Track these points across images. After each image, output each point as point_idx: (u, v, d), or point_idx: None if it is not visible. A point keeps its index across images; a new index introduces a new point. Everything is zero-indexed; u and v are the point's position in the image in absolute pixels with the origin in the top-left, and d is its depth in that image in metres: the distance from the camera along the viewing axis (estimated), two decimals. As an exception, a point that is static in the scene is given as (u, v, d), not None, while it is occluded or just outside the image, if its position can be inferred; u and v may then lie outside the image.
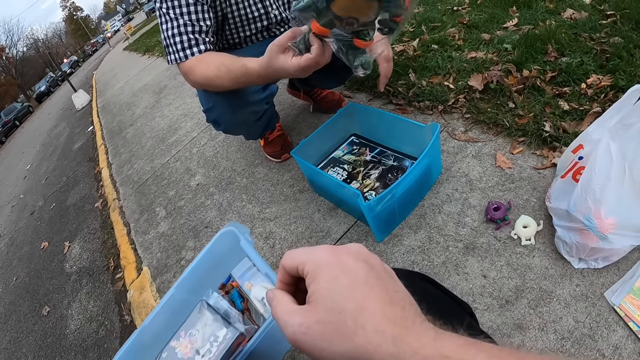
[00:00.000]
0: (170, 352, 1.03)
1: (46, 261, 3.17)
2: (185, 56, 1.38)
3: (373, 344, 0.31)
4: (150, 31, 15.07)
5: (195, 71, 1.37)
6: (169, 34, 1.40)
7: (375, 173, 1.62)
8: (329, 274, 0.36)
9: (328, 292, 0.34)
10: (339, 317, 0.33)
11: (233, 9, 1.59)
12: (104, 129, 5.40)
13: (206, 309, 1.06)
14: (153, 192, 2.72)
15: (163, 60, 7.24)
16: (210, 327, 1.01)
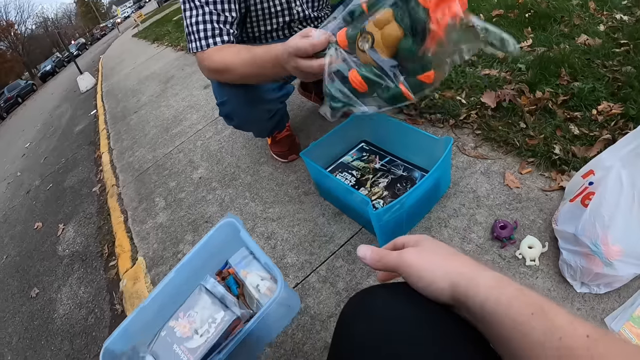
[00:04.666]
0: (169, 331, 1.08)
1: (39, 242, 3.13)
2: (207, 45, 1.35)
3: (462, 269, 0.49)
4: (160, 20, 15.04)
5: (213, 57, 1.34)
6: (192, 22, 1.37)
7: (384, 182, 1.60)
8: (429, 241, 0.56)
9: (431, 243, 0.55)
10: (441, 252, 0.53)
11: (256, 1, 1.56)
12: (107, 113, 5.37)
13: (204, 292, 1.10)
14: (153, 181, 2.69)
15: (172, 50, 7.22)
16: (208, 309, 1.06)
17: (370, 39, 0.81)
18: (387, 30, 0.78)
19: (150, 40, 10.46)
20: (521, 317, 0.41)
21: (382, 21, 0.79)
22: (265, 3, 1.57)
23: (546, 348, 0.38)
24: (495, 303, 0.43)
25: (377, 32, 0.80)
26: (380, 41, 0.80)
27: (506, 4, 2.81)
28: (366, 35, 0.81)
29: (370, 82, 0.84)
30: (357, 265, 1.43)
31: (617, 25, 2.13)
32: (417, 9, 0.73)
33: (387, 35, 0.78)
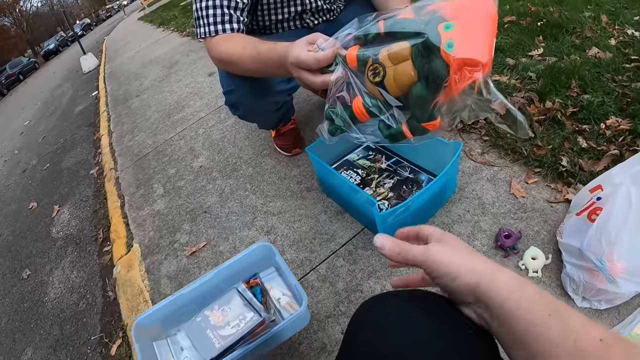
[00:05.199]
0: (203, 318, 1.22)
1: (33, 222, 3.09)
2: (215, 31, 1.31)
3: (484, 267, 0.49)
4: (167, 5, 14.90)
5: (220, 46, 1.29)
6: (202, 6, 1.31)
7: (390, 183, 1.56)
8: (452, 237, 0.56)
9: (454, 240, 0.55)
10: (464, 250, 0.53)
11: None
12: (108, 95, 5.32)
13: (237, 294, 1.25)
14: (153, 167, 2.65)
15: (178, 35, 7.16)
16: (240, 308, 1.21)
17: (382, 73, 0.74)
18: (401, 68, 0.71)
19: (156, 24, 10.38)
20: (538, 319, 0.42)
21: (397, 56, 0.71)
22: None
23: (560, 350, 0.39)
24: (516, 304, 0.44)
25: (391, 68, 0.73)
26: (392, 78, 0.73)
27: (518, 12, 2.78)
28: (378, 67, 0.74)
29: (374, 115, 0.80)
30: (358, 266, 1.40)
31: (628, 40, 2.12)
32: (437, 60, 0.66)
33: (401, 75, 0.72)
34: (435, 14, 0.68)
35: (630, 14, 2.36)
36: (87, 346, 1.74)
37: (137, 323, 1.21)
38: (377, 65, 0.74)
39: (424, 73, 0.69)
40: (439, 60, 0.66)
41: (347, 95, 0.83)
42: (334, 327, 1.27)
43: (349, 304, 1.31)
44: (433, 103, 0.72)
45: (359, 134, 0.85)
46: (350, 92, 0.82)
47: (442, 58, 0.65)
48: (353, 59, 0.79)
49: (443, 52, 0.64)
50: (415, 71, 0.70)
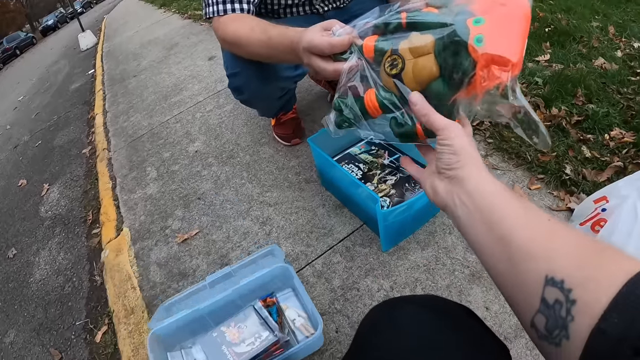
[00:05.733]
0: (219, 334, 1.22)
1: (21, 200, 3.02)
2: (224, 10, 1.25)
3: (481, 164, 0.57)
4: (169, -14, 14.71)
5: (228, 26, 1.23)
6: None
7: (392, 179, 1.51)
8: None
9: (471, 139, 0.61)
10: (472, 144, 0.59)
11: None
12: (105, 74, 5.22)
13: (254, 312, 1.24)
14: (147, 149, 2.58)
15: (179, 17, 7.03)
16: (256, 327, 1.20)
17: (401, 64, 0.67)
18: (422, 62, 0.65)
19: (157, 5, 10.17)
20: (503, 198, 0.51)
21: (419, 48, 0.65)
22: None
23: (515, 219, 0.48)
24: (489, 187, 0.53)
25: (410, 60, 0.66)
26: (410, 72, 0.66)
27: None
28: (397, 59, 0.67)
29: (387, 110, 0.72)
30: (355, 263, 1.36)
31: (634, 53, 2.13)
32: (463, 55, 0.60)
33: (421, 68, 0.65)
34: (464, 7, 0.62)
35: (638, 27, 2.38)
36: (72, 331, 1.68)
37: (153, 332, 1.20)
38: (396, 57, 0.67)
39: (446, 68, 0.62)
40: (465, 55, 0.60)
41: (360, 86, 0.76)
42: (328, 325, 1.23)
43: (345, 302, 1.27)
44: (453, 99, 0.66)
45: (368, 129, 0.77)
46: (363, 84, 0.75)
47: (468, 53, 0.59)
48: (370, 48, 0.72)
49: (470, 46, 0.58)
50: (437, 66, 0.63)
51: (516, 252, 0.44)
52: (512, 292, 0.46)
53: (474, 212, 0.52)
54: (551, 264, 0.40)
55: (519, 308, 0.45)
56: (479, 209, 0.51)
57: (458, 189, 0.55)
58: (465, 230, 0.54)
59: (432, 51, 0.63)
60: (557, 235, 0.43)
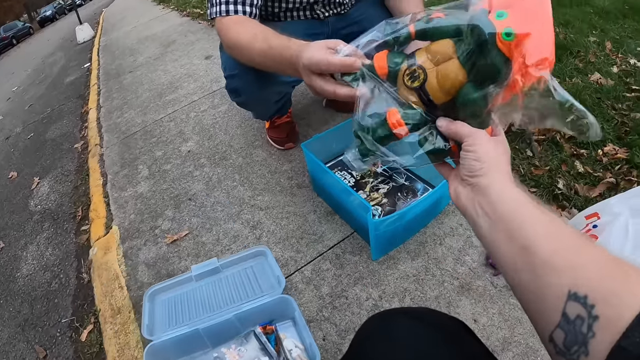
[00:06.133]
0: (220, 355, 1.22)
1: (11, 193, 3.00)
2: (226, 11, 1.24)
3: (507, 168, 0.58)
4: (169, -18, 14.67)
5: (230, 30, 1.23)
6: None
7: (385, 188, 1.51)
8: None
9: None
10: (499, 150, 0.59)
11: None
12: (101, 68, 5.19)
13: (254, 337, 1.24)
14: (139, 147, 2.57)
15: (178, 14, 7.01)
16: (255, 351, 1.20)
17: (422, 76, 0.61)
18: (446, 69, 0.59)
19: (156, 1, 10.15)
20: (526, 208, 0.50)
21: (439, 54, 0.60)
22: None
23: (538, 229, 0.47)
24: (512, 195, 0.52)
25: (432, 70, 0.60)
26: (434, 81, 0.60)
27: None
28: (417, 71, 0.61)
29: (414, 127, 0.64)
30: (344, 271, 1.36)
31: (630, 70, 2.14)
32: (493, 54, 0.54)
33: (446, 76, 0.59)
34: (479, 5, 0.57)
35: (635, 44, 2.39)
36: (57, 329, 1.67)
37: (151, 346, 1.20)
38: (415, 68, 0.62)
39: (475, 71, 0.57)
40: (495, 53, 0.54)
41: (379, 108, 0.68)
42: (315, 332, 1.23)
43: (333, 310, 1.27)
44: (489, 108, 0.60)
45: (393, 155, 0.69)
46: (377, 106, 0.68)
47: (498, 50, 0.53)
48: (383, 65, 0.66)
49: (500, 41, 0.52)
50: (463, 70, 0.58)
51: (539, 264, 0.43)
52: (532, 304, 0.44)
53: (496, 222, 0.51)
54: (575, 278, 0.39)
55: (538, 321, 0.44)
56: (500, 218, 0.50)
57: (480, 197, 0.54)
58: (486, 239, 0.53)
59: (455, 55, 0.59)
60: (582, 249, 0.42)
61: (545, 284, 0.42)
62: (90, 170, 2.63)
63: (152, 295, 1.38)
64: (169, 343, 1.22)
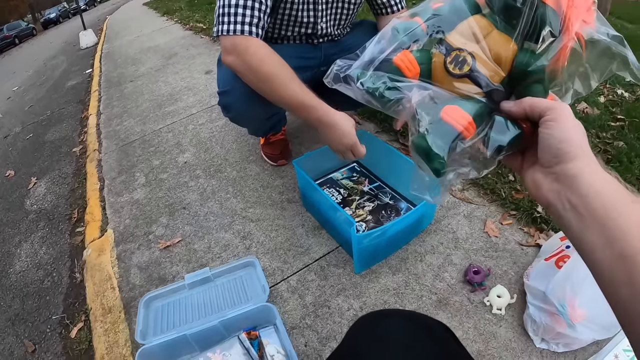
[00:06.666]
0: (205, 359, 1.25)
1: (7, 191, 3.05)
2: (242, 31, 1.30)
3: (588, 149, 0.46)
4: (175, -6, 14.87)
5: (256, 53, 1.30)
6: (232, 3, 1.29)
7: (370, 206, 1.61)
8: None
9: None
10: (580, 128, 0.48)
11: (287, 5, 1.52)
12: (102, 76, 5.28)
13: (239, 343, 1.27)
14: (137, 155, 2.65)
15: (181, 27, 7.14)
16: (239, 356, 1.23)
17: (470, 58, 0.53)
18: (492, 40, 0.53)
19: (160, 12, 10.33)
20: (622, 204, 0.41)
21: (476, 31, 0.54)
22: (294, 11, 1.54)
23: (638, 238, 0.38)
24: (604, 186, 0.43)
25: (477, 47, 0.53)
26: (485, 59, 0.53)
27: None
28: (460, 54, 0.53)
29: (481, 120, 0.53)
30: (328, 282, 1.44)
31: (617, 100, 2.23)
32: (540, 7, 0.48)
33: (497, 46, 0.52)
34: None
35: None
36: (47, 325, 1.72)
37: (142, 350, 1.24)
38: (457, 52, 0.53)
39: (522, 32, 0.51)
40: (541, 5, 0.49)
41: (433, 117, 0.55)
42: (297, 338, 1.30)
43: (315, 318, 1.34)
44: (551, 68, 0.52)
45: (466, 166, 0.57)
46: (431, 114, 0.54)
47: (542, 2, 0.49)
48: (411, 62, 0.56)
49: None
50: (509, 37, 0.52)
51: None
52: (633, 325, 0.38)
53: (589, 221, 0.42)
54: None
55: (638, 343, 0.38)
56: (594, 217, 0.42)
57: (567, 189, 0.45)
58: (577, 240, 0.45)
59: (493, 27, 0.53)
60: None
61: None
62: (87, 174, 2.70)
63: (146, 302, 1.44)
64: (158, 347, 1.27)
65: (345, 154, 1.40)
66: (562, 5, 0.48)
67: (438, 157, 0.51)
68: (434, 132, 0.52)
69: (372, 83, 0.56)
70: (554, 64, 0.52)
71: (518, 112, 0.51)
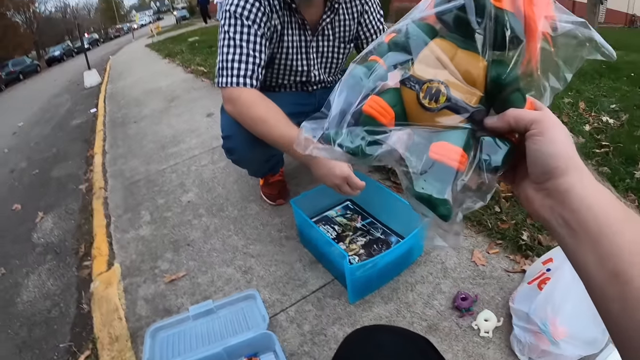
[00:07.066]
0: None
1: (14, 223, 3.17)
2: (237, 83, 1.49)
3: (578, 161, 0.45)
4: (176, 38, 15.38)
5: (242, 103, 1.50)
6: (229, 58, 1.50)
7: (362, 241, 1.74)
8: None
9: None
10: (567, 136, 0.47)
11: (282, 56, 1.73)
12: (107, 116, 5.48)
13: None
14: (142, 194, 2.79)
15: (182, 70, 7.42)
16: None
17: (442, 86, 0.49)
18: (459, 62, 0.49)
19: (162, 55, 10.69)
20: (615, 221, 0.40)
21: (440, 55, 0.50)
22: (289, 60, 1.75)
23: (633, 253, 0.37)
24: (597, 201, 0.42)
25: (445, 73, 0.49)
26: (458, 83, 0.49)
27: None
28: (432, 85, 0.49)
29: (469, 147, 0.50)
30: (324, 312, 1.55)
31: (602, 127, 2.34)
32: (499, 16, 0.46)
33: (466, 69, 0.49)
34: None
35: (608, 102, 2.59)
36: (54, 352, 1.80)
37: None
38: (428, 84, 0.49)
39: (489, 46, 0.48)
40: (498, 13, 0.46)
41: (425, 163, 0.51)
42: (295, 364, 1.41)
43: (313, 345, 1.45)
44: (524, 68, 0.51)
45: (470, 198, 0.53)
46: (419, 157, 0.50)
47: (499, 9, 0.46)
48: (383, 107, 0.51)
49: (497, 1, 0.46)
50: (476, 54, 0.49)
51: (631, 295, 0.36)
52: (623, 340, 0.38)
53: (582, 237, 0.41)
54: None
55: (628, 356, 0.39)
56: (588, 234, 0.41)
57: (559, 204, 0.44)
58: (571, 255, 0.44)
59: (455, 48, 0.50)
60: None
61: (638, 318, 0.36)
62: (94, 211, 2.82)
63: (153, 332, 1.55)
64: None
65: (341, 187, 1.46)
66: (520, 6, 0.47)
67: (443, 203, 0.48)
68: (430, 176, 0.48)
69: (351, 142, 0.51)
70: (527, 67, 0.50)
71: (503, 127, 0.48)
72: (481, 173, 0.49)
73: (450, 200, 0.47)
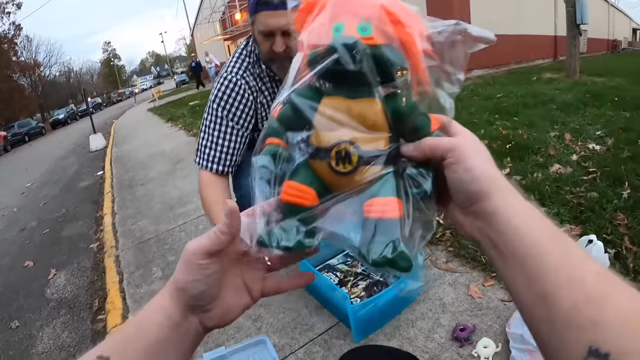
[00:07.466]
0: None
1: (27, 280, 3.28)
2: (206, 166, 1.67)
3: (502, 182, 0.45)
4: (177, 102, 15.90)
5: (203, 189, 1.67)
6: (204, 144, 1.68)
7: (363, 284, 1.88)
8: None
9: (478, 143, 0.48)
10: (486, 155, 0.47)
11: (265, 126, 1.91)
12: (114, 178, 5.70)
13: None
14: (153, 252, 2.94)
15: (185, 133, 7.74)
16: None
17: (350, 146, 0.46)
18: (355, 113, 0.47)
19: (164, 119, 11.04)
20: (541, 241, 0.40)
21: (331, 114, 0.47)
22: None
23: (559, 274, 0.37)
24: (523, 221, 0.41)
25: (347, 131, 0.47)
26: (362, 135, 0.47)
27: (491, 135, 3.19)
28: (340, 148, 0.46)
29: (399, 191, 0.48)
30: (331, 352, 1.67)
31: (588, 154, 2.45)
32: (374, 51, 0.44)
33: (363, 117, 0.47)
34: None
35: (593, 129, 2.71)
36: (72, 401, 1.90)
37: None
38: (335, 149, 0.46)
39: (378, 85, 0.47)
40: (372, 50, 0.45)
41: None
42: (304, 400, 1.52)
43: (320, 383, 1.56)
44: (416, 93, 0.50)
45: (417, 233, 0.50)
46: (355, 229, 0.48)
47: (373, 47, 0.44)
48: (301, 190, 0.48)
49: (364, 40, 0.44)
50: (368, 98, 0.47)
51: (558, 318, 0.37)
52: (551, 357, 0.39)
53: (510, 259, 0.41)
54: (596, 334, 0.35)
55: None
56: (515, 256, 0.41)
57: (486, 225, 0.44)
58: (502, 276, 0.44)
59: (342, 103, 0.47)
60: (606, 302, 0.36)
61: (564, 339, 0.37)
62: (106, 268, 2.96)
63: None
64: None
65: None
66: (392, 35, 0.46)
67: (400, 257, 0.45)
68: (377, 238, 0.46)
69: (287, 240, 0.47)
70: (420, 89, 0.49)
71: (419, 157, 0.47)
72: (419, 205, 0.47)
73: (405, 250, 0.46)
